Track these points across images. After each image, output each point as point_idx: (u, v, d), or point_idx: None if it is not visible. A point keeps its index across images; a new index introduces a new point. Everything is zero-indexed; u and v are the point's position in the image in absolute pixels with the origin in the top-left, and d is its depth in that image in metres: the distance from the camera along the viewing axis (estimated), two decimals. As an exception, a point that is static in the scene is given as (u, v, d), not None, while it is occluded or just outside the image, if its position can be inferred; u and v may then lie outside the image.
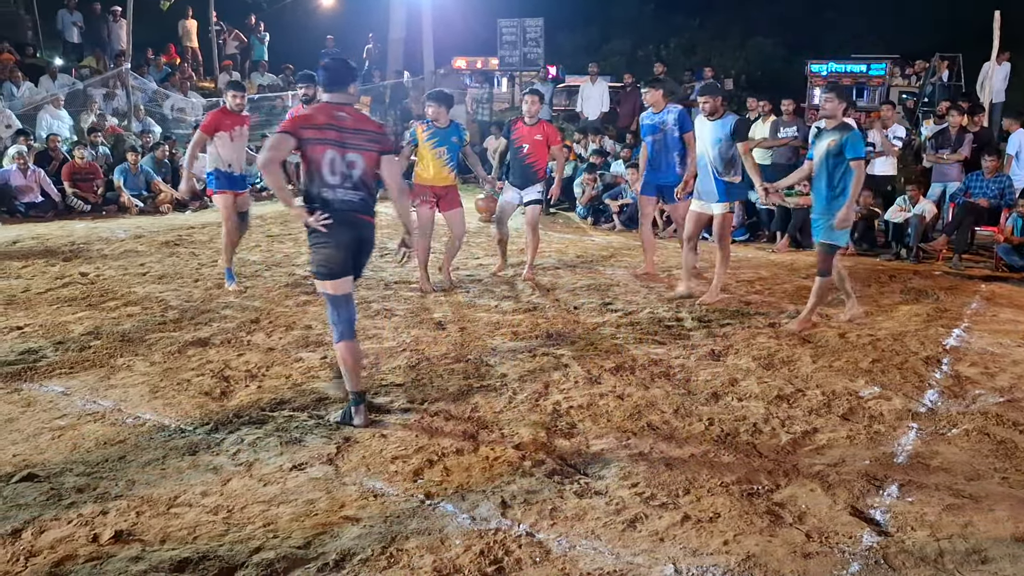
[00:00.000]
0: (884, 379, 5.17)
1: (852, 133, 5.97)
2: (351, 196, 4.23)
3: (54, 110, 13.26)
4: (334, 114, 4.24)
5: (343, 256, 4.24)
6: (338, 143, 4.19)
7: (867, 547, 3.22)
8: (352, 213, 4.24)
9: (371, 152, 4.27)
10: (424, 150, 7.18)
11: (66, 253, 8.71)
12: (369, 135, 4.29)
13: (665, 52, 23.53)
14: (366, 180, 4.29)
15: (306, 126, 4.19)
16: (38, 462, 3.82)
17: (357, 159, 4.23)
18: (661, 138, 7.40)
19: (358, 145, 4.24)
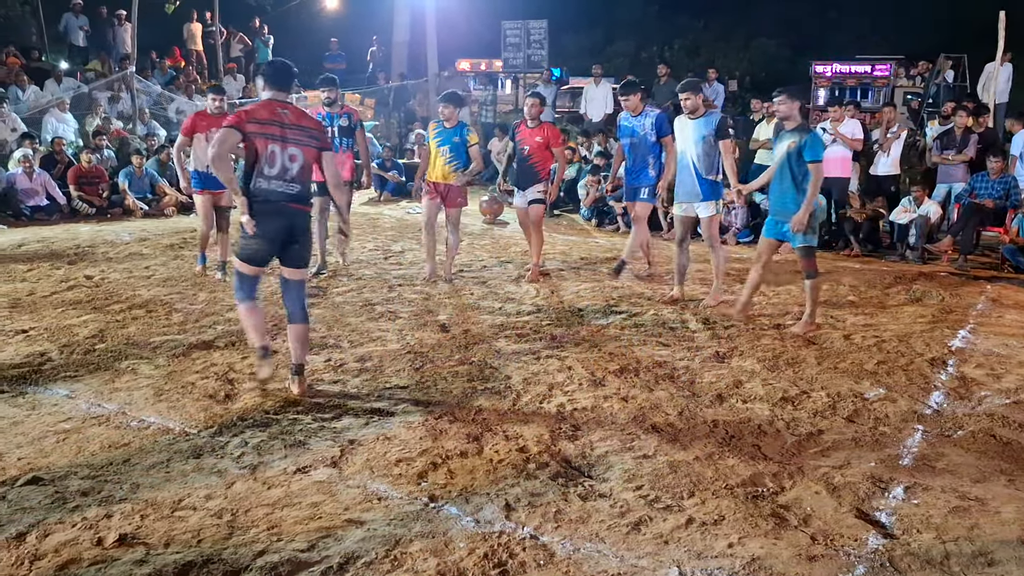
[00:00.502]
0: (889, 381, 5.15)
1: (811, 135, 5.96)
2: (287, 188, 4.58)
3: (59, 113, 13.30)
4: (277, 111, 4.57)
5: (266, 247, 4.63)
6: (280, 138, 4.53)
7: (872, 550, 3.21)
8: (285, 203, 4.59)
9: (311, 148, 4.65)
10: (432, 148, 7.54)
11: (71, 256, 8.73)
12: (309, 132, 4.66)
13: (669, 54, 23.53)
14: (304, 173, 4.65)
15: (251, 121, 4.50)
16: (43, 465, 3.83)
17: (297, 153, 4.59)
18: (638, 142, 7.32)
19: (298, 140, 4.59)
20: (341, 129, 7.92)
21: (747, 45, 24.40)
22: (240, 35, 19.90)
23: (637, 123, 7.31)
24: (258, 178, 4.53)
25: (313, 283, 7.50)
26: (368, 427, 4.31)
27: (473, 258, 8.88)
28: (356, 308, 6.70)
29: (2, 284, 7.42)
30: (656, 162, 7.33)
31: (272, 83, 4.70)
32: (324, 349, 5.62)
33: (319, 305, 6.78)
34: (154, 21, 18.42)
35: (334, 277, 7.83)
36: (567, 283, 7.76)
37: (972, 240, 9.16)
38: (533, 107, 7.69)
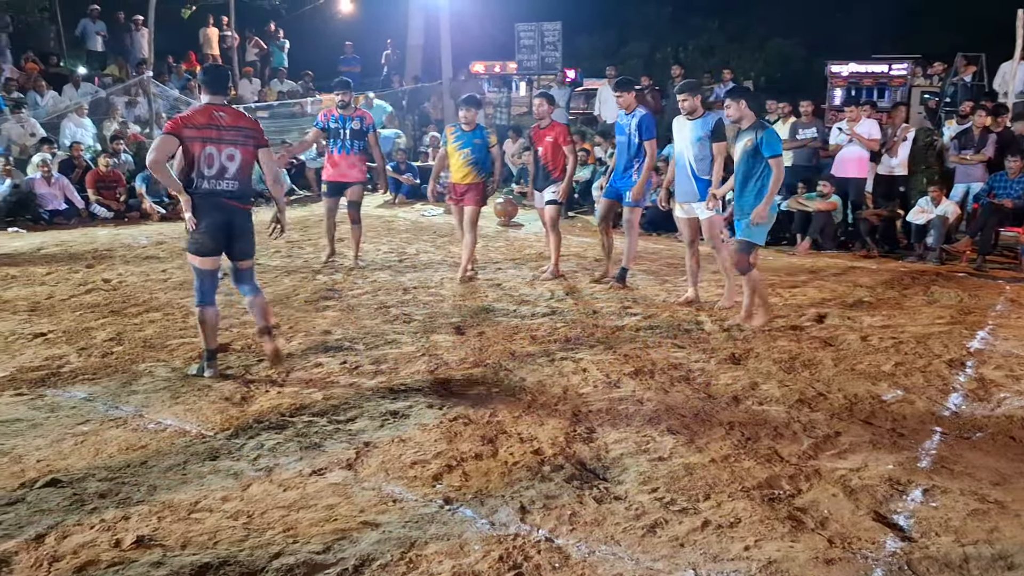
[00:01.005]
0: (907, 382, 5.12)
1: (767, 131, 5.91)
2: (225, 185, 4.87)
3: (77, 118, 13.41)
4: (213, 114, 4.85)
5: (213, 240, 4.90)
6: (216, 140, 4.81)
7: (890, 553, 3.19)
8: (224, 200, 4.89)
9: (247, 147, 4.92)
10: (451, 150, 7.69)
11: (89, 260, 8.80)
12: (245, 131, 4.93)
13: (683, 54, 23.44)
14: (242, 172, 4.92)
15: (188, 126, 4.78)
16: (61, 467, 3.86)
17: (235, 153, 4.87)
18: (625, 141, 7.33)
19: (234, 140, 4.87)
20: (353, 132, 8.15)
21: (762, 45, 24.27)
22: (255, 39, 20.00)
23: (625, 122, 7.31)
24: (199, 179, 4.83)
25: (324, 279, 7.54)
26: (383, 429, 4.31)
27: (487, 260, 8.88)
28: (371, 310, 6.72)
29: (21, 288, 7.49)
30: (640, 166, 7.28)
31: (209, 88, 4.97)
32: (339, 351, 5.64)
33: (334, 308, 6.80)
34: (171, 26, 18.54)
35: (348, 278, 7.86)
36: (582, 285, 7.75)
37: (991, 240, 9.09)
38: (540, 107, 7.80)
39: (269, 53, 20.03)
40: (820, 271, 8.54)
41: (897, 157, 10.11)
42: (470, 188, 7.66)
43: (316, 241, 9.78)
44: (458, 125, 7.74)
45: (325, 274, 8.11)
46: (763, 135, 5.87)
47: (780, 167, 5.89)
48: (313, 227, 10.91)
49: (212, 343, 5.11)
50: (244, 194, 5.03)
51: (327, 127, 8.31)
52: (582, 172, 12.78)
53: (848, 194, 10.02)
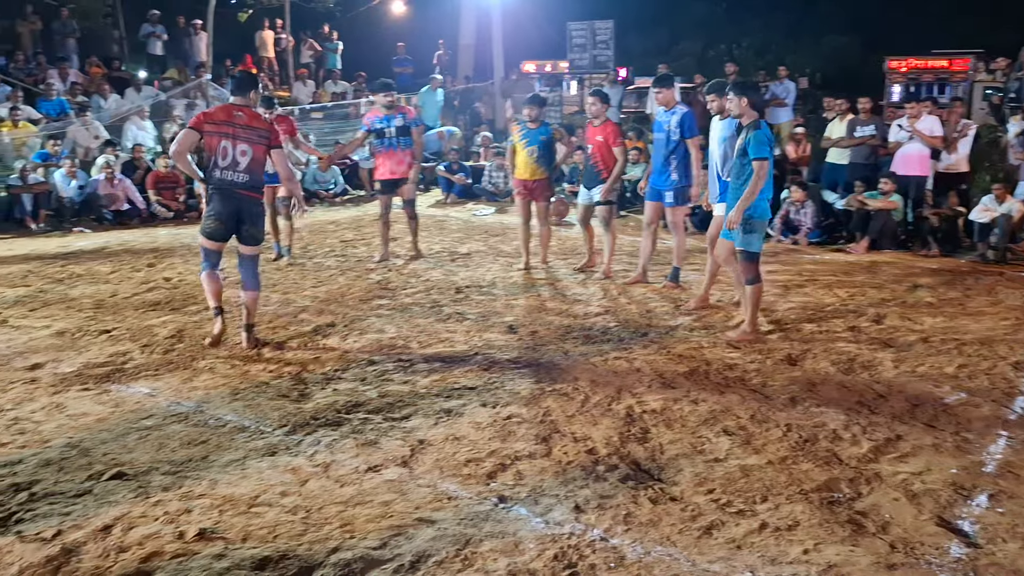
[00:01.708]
0: (971, 385, 4.99)
1: (758, 132, 5.63)
2: (237, 177, 5.46)
3: (139, 121, 13.73)
4: (233, 113, 5.48)
5: (222, 226, 5.54)
6: (231, 136, 5.41)
7: (955, 559, 3.12)
8: (234, 189, 5.47)
9: (260, 145, 5.49)
10: (517, 148, 7.97)
11: (151, 259, 9.02)
12: (259, 132, 5.51)
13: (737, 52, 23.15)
14: (253, 166, 5.49)
15: (208, 122, 5.46)
16: (126, 461, 3.96)
17: (247, 149, 5.44)
18: (663, 137, 7.14)
19: (248, 139, 5.45)
20: (398, 129, 8.35)
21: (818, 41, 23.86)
22: (310, 41, 20.27)
23: (664, 119, 7.14)
24: (213, 168, 5.45)
25: (378, 278, 7.62)
26: (437, 427, 4.35)
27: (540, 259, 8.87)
28: (424, 309, 6.77)
29: (87, 286, 7.70)
30: (679, 164, 7.10)
31: (233, 90, 5.78)
32: (393, 350, 5.69)
33: (388, 306, 6.87)
34: (228, 30, 18.91)
35: (401, 277, 7.92)
36: (635, 285, 7.69)
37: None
38: (592, 105, 7.81)
39: (323, 55, 20.29)
40: (879, 271, 8.37)
41: (956, 154, 9.85)
42: (538, 184, 7.98)
43: (370, 240, 9.88)
44: (523, 122, 8.00)
45: (379, 273, 8.19)
46: (752, 136, 5.61)
47: (763, 171, 5.58)
48: (367, 226, 11.02)
49: (212, 301, 5.76)
50: (254, 185, 5.57)
51: (372, 128, 8.53)
52: (635, 170, 12.71)
53: (908, 192, 9.79)
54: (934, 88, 15.79)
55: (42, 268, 8.53)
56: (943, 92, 15.62)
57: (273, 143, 5.57)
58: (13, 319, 6.52)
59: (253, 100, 5.69)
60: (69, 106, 13.94)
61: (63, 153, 12.16)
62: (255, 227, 5.64)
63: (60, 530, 3.31)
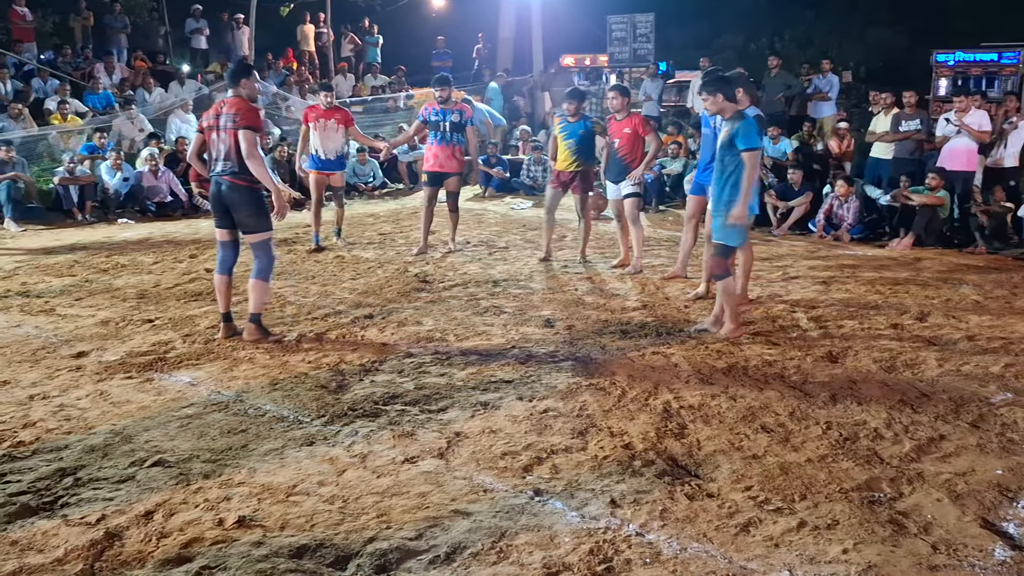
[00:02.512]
0: (1018, 385, 4.88)
1: (744, 122, 5.50)
2: (221, 167, 5.52)
3: (183, 114, 13.93)
4: (220, 105, 5.56)
5: (215, 214, 5.74)
6: (215, 127, 5.52)
7: (999, 562, 3.05)
8: (218, 176, 5.55)
9: (230, 129, 5.43)
10: (558, 140, 8.10)
11: (192, 250, 9.15)
12: (230, 116, 5.44)
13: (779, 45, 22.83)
14: (230, 152, 5.45)
15: (204, 120, 5.67)
16: (168, 448, 4.03)
17: (225, 136, 5.46)
18: (710, 133, 6.94)
19: (224, 125, 5.46)
20: (453, 125, 8.44)
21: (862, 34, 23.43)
22: (351, 35, 20.40)
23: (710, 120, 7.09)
24: (210, 162, 5.64)
25: (416, 271, 7.65)
26: (474, 420, 4.36)
27: (576, 253, 8.85)
28: (462, 302, 6.79)
29: (130, 276, 7.84)
30: None
31: (226, 83, 5.73)
32: (431, 342, 5.71)
33: (426, 299, 6.89)
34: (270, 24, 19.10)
35: (439, 270, 7.95)
36: (674, 279, 7.64)
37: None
38: (614, 100, 7.82)
39: (364, 49, 20.40)
40: (923, 267, 8.22)
41: (1007, 149, 9.63)
42: (576, 175, 8.06)
43: (408, 234, 9.93)
44: (564, 115, 8.07)
45: (417, 266, 8.23)
46: (739, 126, 5.49)
47: (754, 161, 5.47)
48: (405, 219, 11.08)
49: (222, 307, 5.79)
50: (233, 170, 5.51)
51: (428, 120, 8.61)
52: (674, 165, 12.62)
53: (955, 188, 9.60)
54: (983, 82, 15.42)
55: (87, 258, 8.70)
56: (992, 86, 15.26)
57: (239, 123, 5.40)
58: (60, 308, 6.66)
59: (245, 88, 5.55)
60: (115, 99, 14.19)
61: (109, 146, 12.39)
62: (242, 213, 5.61)
63: (104, 515, 3.38)
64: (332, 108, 8.80)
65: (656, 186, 12.10)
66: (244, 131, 5.39)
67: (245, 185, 5.53)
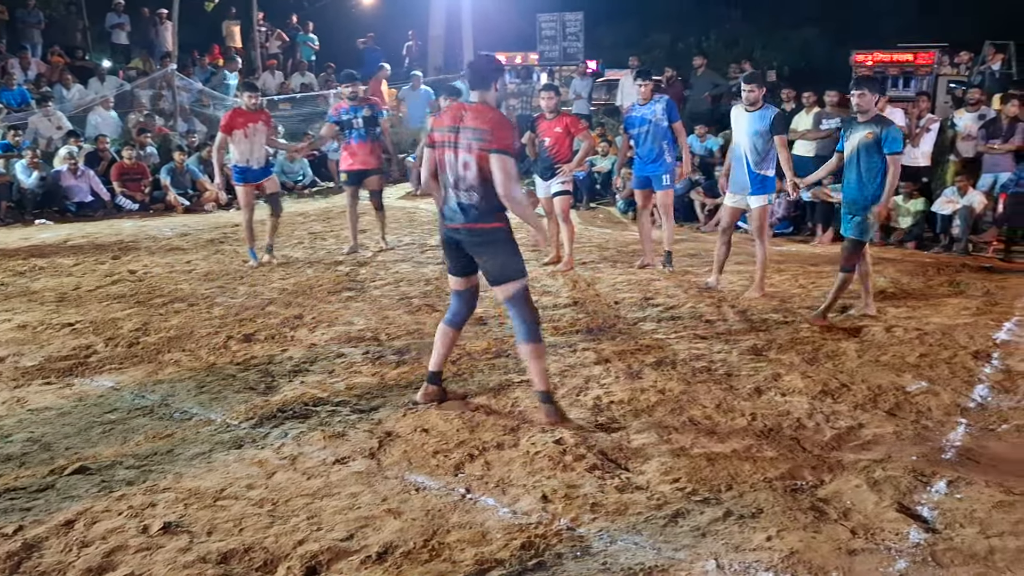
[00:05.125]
0: (932, 374, 5.07)
1: (892, 127, 5.87)
2: (458, 200, 4.26)
3: (103, 111, 13.54)
4: (458, 113, 4.28)
5: (450, 256, 4.50)
6: (454, 145, 4.22)
7: (914, 544, 3.17)
8: (457, 215, 4.30)
9: (480, 151, 4.13)
10: None
11: (115, 251, 8.91)
12: (481, 132, 4.14)
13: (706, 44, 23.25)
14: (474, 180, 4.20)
15: (437, 131, 4.33)
16: (89, 455, 3.92)
17: (469, 160, 4.19)
18: (650, 129, 7.52)
19: (467, 144, 4.18)
20: (366, 120, 8.35)
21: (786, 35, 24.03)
22: (278, 31, 20.07)
23: (648, 111, 7.51)
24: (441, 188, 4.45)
25: (346, 270, 7.59)
26: (406, 419, 4.34)
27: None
28: (393, 301, 6.75)
29: (49, 279, 7.59)
30: (671, 148, 7.60)
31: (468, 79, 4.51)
32: (362, 342, 5.67)
33: (357, 298, 6.84)
34: (195, 19, 18.65)
35: (370, 269, 7.89)
36: (603, 276, 7.74)
37: (1019, 231, 8.96)
38: (549, 100, 7.87)
39: (294, 45, 20.09)
40: (844, 262, 8.47)
41: (919, 148, 9.99)
42: None
43: (338, 232, 9.83)
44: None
45: (348, 265, 8.15)
46: (888, 131, 5.84)
47: (898, 165, 5.88)
48: (335, 218, 10.96)
49: (433, 363, 4.62)
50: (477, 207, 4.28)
51: (340, 120, 8.45)
52: (603, 163, 12.74)
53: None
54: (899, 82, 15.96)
55: (3, 261, 8.40)
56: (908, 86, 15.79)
57: (492, 146, 4.17)
58: (-27, 312, 6.41)
59: (495, 92, 4.36)
60: (30, 96, 13.69)
61: (24, 144, 11.94)
62: (487, 258, 4.30)
63: (21, 526, 3.27)
64: (258, 110, 8.07)
65: (587, 183, 12.21)
66: (499, 156, 4.09)
67: (492, 227, 4.26)
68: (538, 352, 4.29)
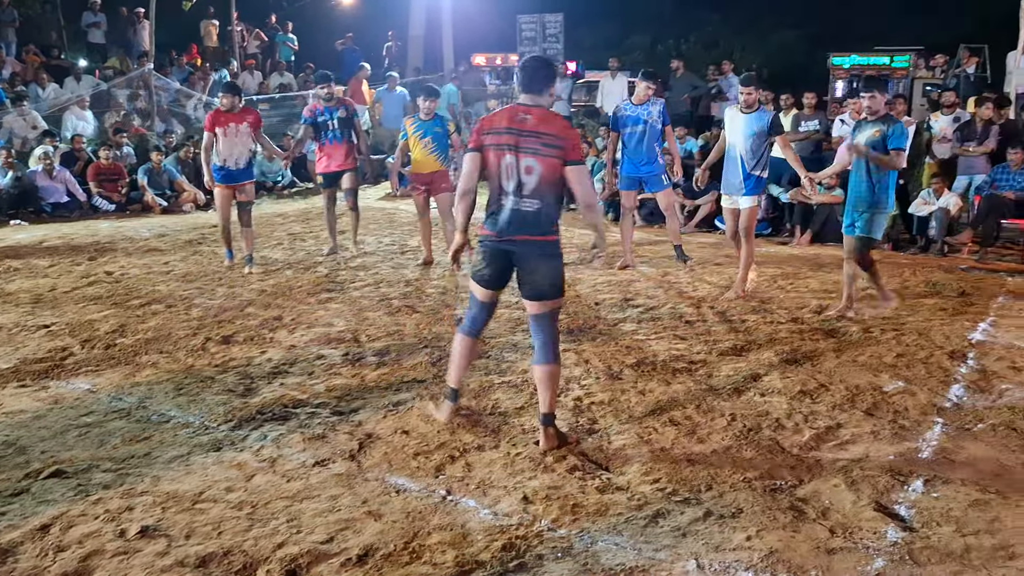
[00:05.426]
0: (909, 374, 5.12)
1: (899, 125, 5.98)
2: (520, 208, 3.95)
3: (79, 111, 13.40)
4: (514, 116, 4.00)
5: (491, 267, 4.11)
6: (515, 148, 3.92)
7: (892, 543, 3.20)
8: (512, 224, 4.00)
9: (551, 159, 3.89)
10: (412, 141, 7.92)
11: (91, 252, 8.81)
12: (550, 139, 3.89)
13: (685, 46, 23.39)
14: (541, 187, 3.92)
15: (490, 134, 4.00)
16: (66, 458, 3.87)
17: (535, 165, 3.93)
18: (644, 129, 7.60)
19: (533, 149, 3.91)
20: (341, 121, 8.31)
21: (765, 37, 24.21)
22: (257, 31, 19.95)
23: (643, 111, 7.59)
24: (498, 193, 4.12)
25: (326, 272, 7.56)
26: (386, 420, 4.33)
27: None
28: (374, 303, 6.73)
29: (24, 280, 7.50)
30: (660, 149, 7.82)
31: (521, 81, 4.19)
32: (342, 343, 5.65)
33: (337, 300, 6.81)
34: (171, 18, 18.50)
35: (350, 270, 7.86)
36: (583, 277, 7.75)
37: (993, 232, 9.07)
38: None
39: (273, 44, 19.97)
40: (822, 263, 8.53)
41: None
42: (435, 176, 7.94)
43: (318, 233, 9.78)
44: (416, 116, 7.98)
45: (327, 266, 8.12)
46: (893, 128, 5.92)
47: (902, 159, 5.98)
48: (315, 219, 10.90)
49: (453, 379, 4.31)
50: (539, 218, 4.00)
51: (315, 121, 8.35)
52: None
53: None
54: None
55: (-23, 262, 8.29)
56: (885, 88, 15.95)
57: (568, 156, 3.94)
58: (-54, 314, 6.33)
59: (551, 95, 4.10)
60: (5, 95, 13.53)
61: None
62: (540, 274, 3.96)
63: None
64: (240, 111, 7.88)
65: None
66: (578, 167, 3.92)
67: (551, 240, 3.98)
68: (557, 373, 4.12)
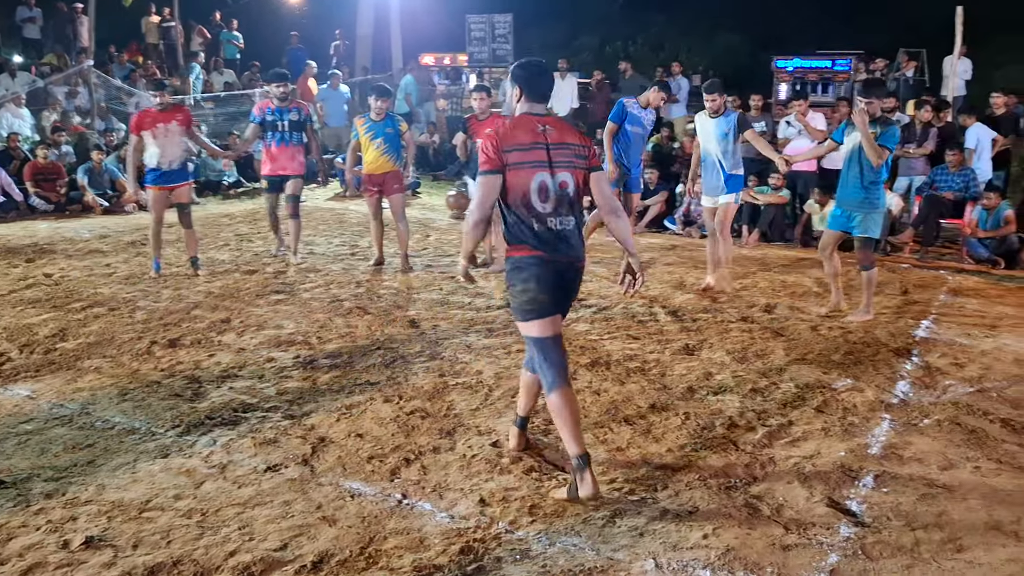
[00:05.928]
0: (856, 371, 5.21)
1: (893, 127, 6.09)
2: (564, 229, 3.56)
3: (15, 108, 12.99)
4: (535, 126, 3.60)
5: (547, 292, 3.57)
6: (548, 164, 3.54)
7: (845, 538, 3.25)
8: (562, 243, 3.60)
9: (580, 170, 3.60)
10: (363, 141, 7.81)
11: (29, 254, 8.54)
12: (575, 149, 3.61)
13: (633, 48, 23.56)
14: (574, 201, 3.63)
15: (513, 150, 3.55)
16: (4, 468, 3.74)
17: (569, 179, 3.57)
18: (641, 132, 7.61)
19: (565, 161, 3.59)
20: (292, 124, 8.08)
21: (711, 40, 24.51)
22: (200, 28, 19.57)
23: (647, 118, 7.56)
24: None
25: (274, 272, 7.44)
26: (339, 423, 4.27)
27: (441, 253, 8.83)
28: (324, 304, 6.63)
29: (-42, 283, 7.24)
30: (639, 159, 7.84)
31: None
32: (292, 346, 5.55)
33: (286, 301, 6.70)
34: (111, 14, 18.04)
35: (300, 271, 7.75)
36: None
37: (933, 232, 9.30)
38: (481, 101, 7.81)
39: (217, 42, 19.61)
40: (769, 263, 8.66)
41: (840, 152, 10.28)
42: (388, 176, 7.86)
43: (265, 235, 9.61)
44: (367, 115, 7.87)
45: (276, 267, 7.99)
46: (890, 130, 6.01)
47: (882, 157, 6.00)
48: (262, 220, 10.70)
49: (523, 408, 4.00)
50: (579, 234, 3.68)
51: (264, 120, 8.05)
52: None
53: (797, 187, 10.17)
54: (819, 87, 16.42)
55: (-93, 264, 7.98)
56: (827, 91, 16.27)
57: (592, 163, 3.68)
58: None
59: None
60: (-64, 92, 13.07)
61: (-70, 142, 11.39)
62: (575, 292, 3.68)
63: (-69, 544, 3.10)
64: (170, 108, 7.47)
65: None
66: (601, 173, 3.68)
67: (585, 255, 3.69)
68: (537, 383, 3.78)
